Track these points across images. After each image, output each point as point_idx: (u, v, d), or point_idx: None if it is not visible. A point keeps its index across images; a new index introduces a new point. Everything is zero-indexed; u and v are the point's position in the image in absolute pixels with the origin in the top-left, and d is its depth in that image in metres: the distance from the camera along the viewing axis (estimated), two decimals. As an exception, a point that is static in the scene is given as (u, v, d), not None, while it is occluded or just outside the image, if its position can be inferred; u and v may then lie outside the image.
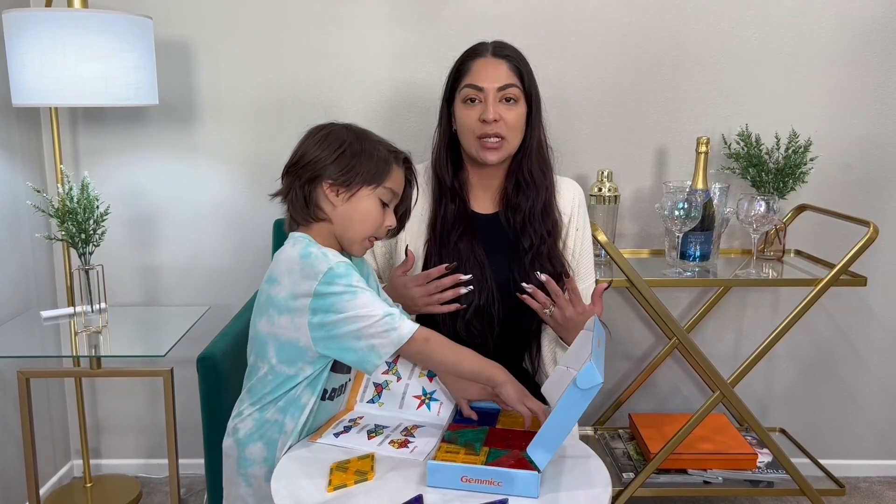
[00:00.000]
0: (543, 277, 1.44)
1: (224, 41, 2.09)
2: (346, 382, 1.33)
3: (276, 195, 1.29)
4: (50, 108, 1.99)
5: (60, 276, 2.20)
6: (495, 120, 1.43)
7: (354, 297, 1.15)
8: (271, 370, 1.22)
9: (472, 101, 1.46)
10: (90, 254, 1.91)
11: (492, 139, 1.45)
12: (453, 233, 1.50)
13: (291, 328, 1.18)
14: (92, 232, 1.88)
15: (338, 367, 1.27)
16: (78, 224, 1.86)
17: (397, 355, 1.35)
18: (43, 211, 1.89)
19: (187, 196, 2.18)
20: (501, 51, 1.48)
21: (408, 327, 1.17)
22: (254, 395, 1.25)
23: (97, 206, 1.88)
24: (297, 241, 1.22)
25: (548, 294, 1.45)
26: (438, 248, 1.50)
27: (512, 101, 1.46)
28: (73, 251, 1.96)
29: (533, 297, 1.44)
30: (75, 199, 1.85)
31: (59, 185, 1.90)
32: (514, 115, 1.46)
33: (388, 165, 1.24)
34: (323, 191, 1.23)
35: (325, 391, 1.27)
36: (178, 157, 2.16)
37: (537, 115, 1.51)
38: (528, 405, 1.21)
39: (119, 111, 2.11)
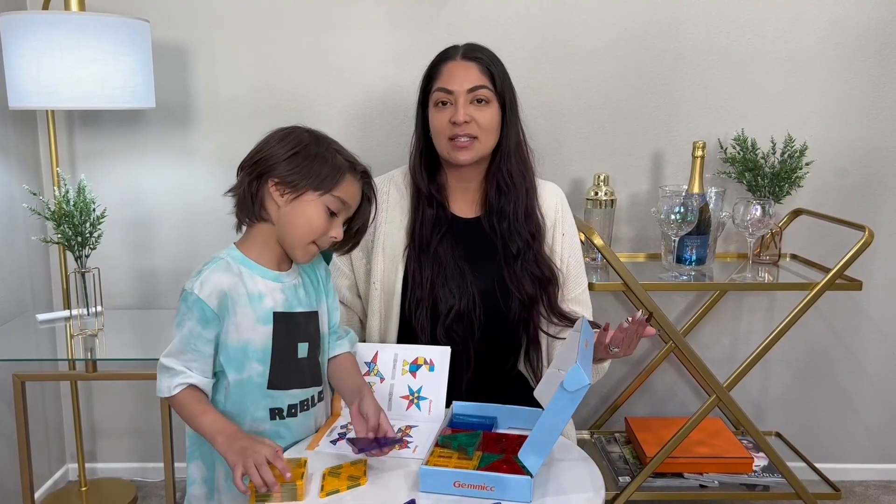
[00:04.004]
0: (640, 315, 1.28)
1: (221, 44, 2.09)
2: (312, 396, 1.28)
3: (228, 192, 1.25)
4: (46, 111, 1.99)
5: (56, 279, 2.20)
6: (465, 122, 1.43)
7: (176, 327, 1.20)
8: None
9: (444, 104, 1.46)
10: (86, 257, 1.91)
11: (462, 138, 1.45)
12: (433, 238, 1.49)
13: None
14: (88, 235, 1.88)
15: (296, 382, 1.24)
16: (74, 227, 1.86)
17: (376, 353, 1.38)
18: (39, 213, 1.88)
19: (184, 199, 2.18)
20: (472, 53, 1.48)
21: (166, 386, 1.20)
22: None
23: (93, 209, 1.88)
24: (215, 258, 1.22)
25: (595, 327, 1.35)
26: (418, 254, 1.49)
27: (483, 101, 1.45)
28: (69, 254, 1.96)
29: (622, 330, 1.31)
30: (72, 202, 1.85)
31: (56, 188, 1.90)
32: (486, 115, 1.46)
33: (340, 174, 1.20)
34: (268, 189, 1.20)
35: (288, 407, 1.24)
36: (175, 160, 2.16)
37: (512, 116, 1.50)
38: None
39: (116, 114, 2.11)
